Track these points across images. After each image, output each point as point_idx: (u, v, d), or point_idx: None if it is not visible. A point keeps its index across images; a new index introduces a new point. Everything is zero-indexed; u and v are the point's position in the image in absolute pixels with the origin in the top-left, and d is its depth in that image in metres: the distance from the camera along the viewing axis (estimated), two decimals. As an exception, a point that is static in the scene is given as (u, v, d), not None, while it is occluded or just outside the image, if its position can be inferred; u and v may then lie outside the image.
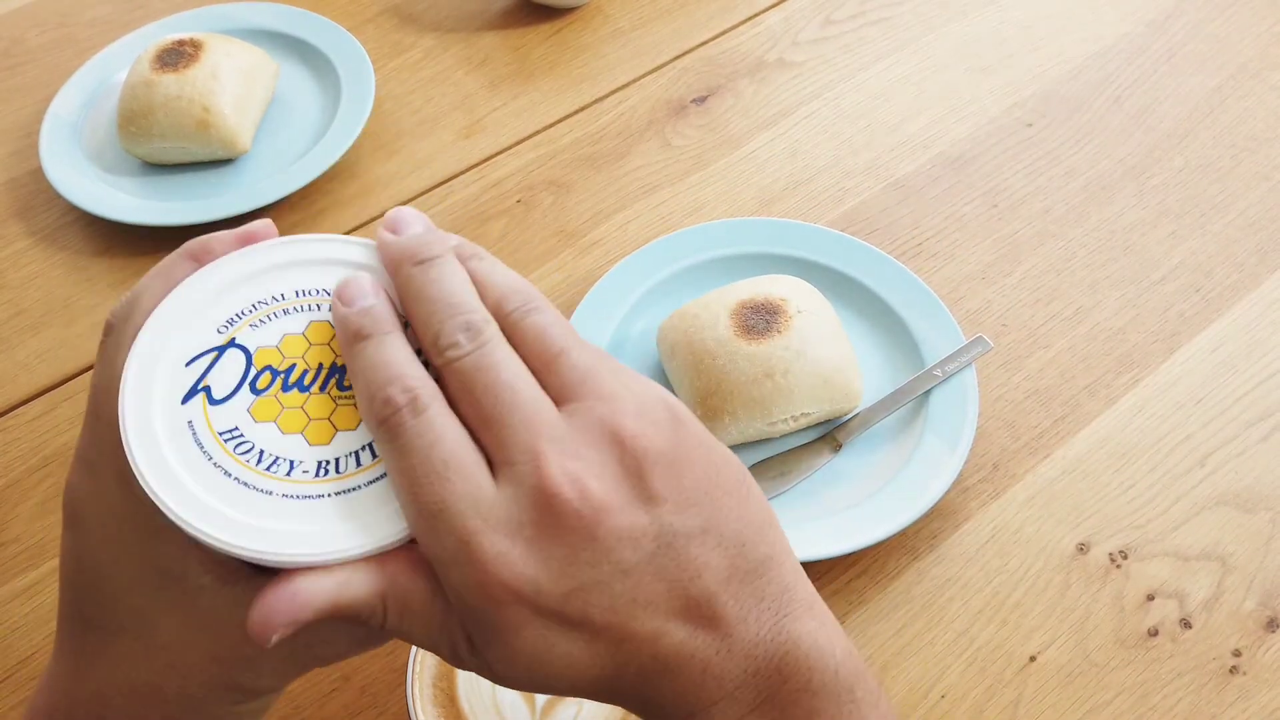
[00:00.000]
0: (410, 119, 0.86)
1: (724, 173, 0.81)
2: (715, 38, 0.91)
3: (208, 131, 0.78)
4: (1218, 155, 0.79)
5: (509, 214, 0.79)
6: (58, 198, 0.80)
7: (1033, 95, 0.84)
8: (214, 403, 0.34)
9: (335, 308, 0.34)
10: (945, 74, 0.86)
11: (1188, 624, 0.57)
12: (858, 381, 0.63)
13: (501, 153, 0.83)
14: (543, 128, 0.85)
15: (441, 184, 0.81)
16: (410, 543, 0.33)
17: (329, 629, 0.36)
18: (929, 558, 0.60)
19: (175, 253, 0.36)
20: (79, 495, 0.36)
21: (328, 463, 0.33)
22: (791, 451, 0.63)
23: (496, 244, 0.77)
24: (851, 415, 0.64)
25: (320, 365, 0.34)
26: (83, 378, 0.72)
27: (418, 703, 0.48)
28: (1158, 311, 0.71)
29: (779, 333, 0.62)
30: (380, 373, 0.32)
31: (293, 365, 0.34)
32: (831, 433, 0.64)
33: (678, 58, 0.89)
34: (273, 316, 0.35)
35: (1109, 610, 0.58)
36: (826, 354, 0.62)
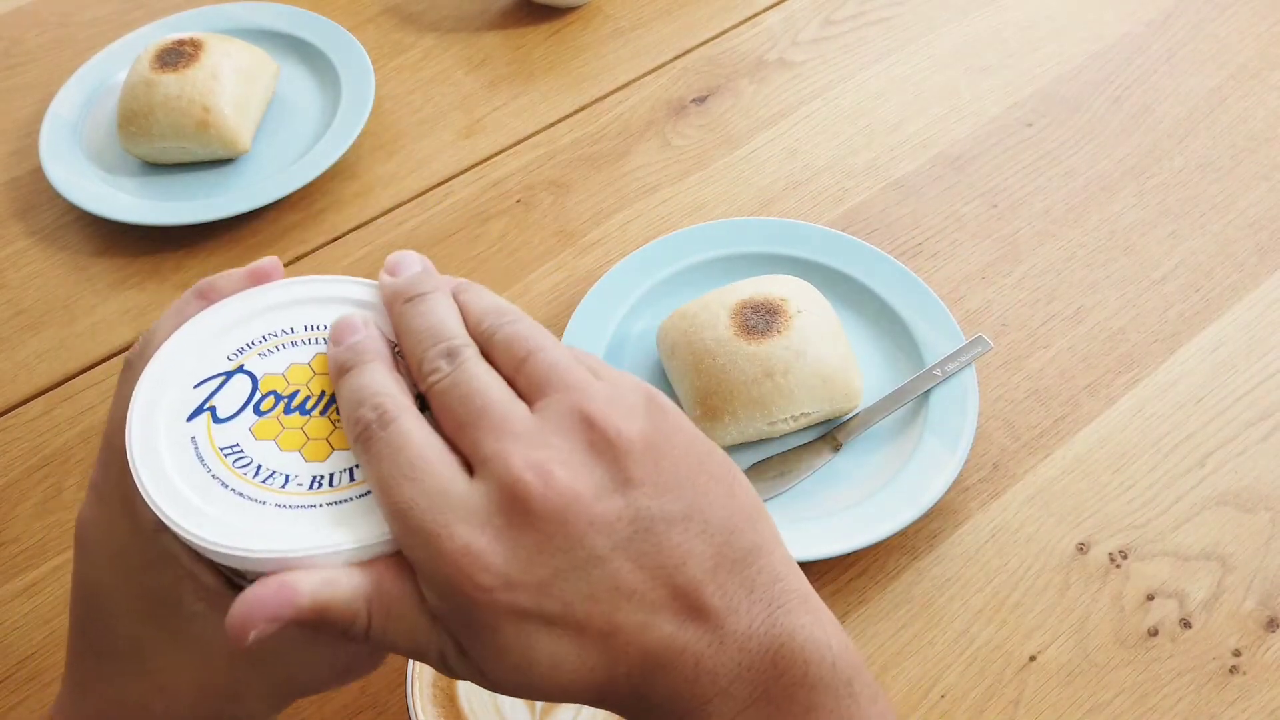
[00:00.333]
0: (410, 119, 0.86)
1: (724, 173, 0.81)
2: (715, 38, 0.91)
3: (208, 131, 0.78)
4: (1218, 155, 0.79)
5: (509, 214, 0.79)
6: (58, 197, 0.80)
7: (1033, 95, 0.84)
8: (218, 421, 0.35)
9: (329, 347, 0.36)
10: (945, 74, 0.86)
11: (1188, 624, 0.57)
12: (858, 381, 0.63)
13: (501, 153, 0.83)
14: (543, 128, 0.85)
15: (441, 184, 0.81)
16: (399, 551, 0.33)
17: (311, 652, 0.36)
18: (929, 558, 0.60)
19: (187, 292, 0.38)
20: (86, 521, 0.37)
21: (322, 477, 0.34)
22: (791, 451, 0.63)
23: (496, 244, 0.77)
24: (851, 415, 0.64)
25: (323, 392, 0.36)
26: (83, 378, 0.72)
27: (418, 703, 0.48)
28: (1158, 311, 0.71)
29: (779, 333, 0.62)
30: (356, 395, 0.34)
31: (296, 391, 0.35)
32: (831, 433, 0.64)
33: (678, 58, 0.89)
34: (281, 347, 0.36)
35: (1109, 610, 0.58)
36: (826, 354, 0.62)
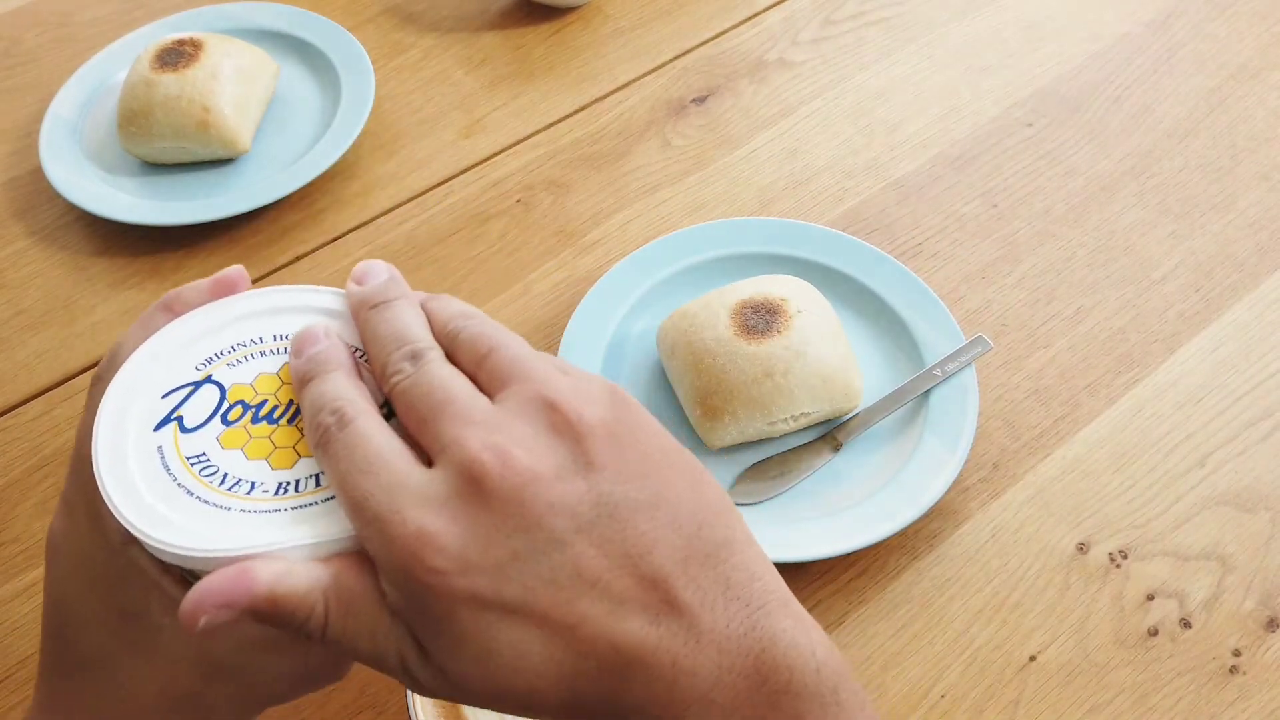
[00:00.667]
0: (410, 119, 0.86)
1: (724, 173, 0.81)
2: (715, 38, 0.91)
3: (208, 131, 0.78)
4: (1218, 155, 0.79)
5: (509, 214, 0.79)
6: (58, 197, 0.80)
7: (1033, 95, 0.84)
8: (185, 431, 0.34)
9: (290, 359, 0.36)
10: (945, 74, 0.86)
11: (1188, 624, 0.57)
12: (858, 381, 0.63)
13: (501, 152, 0.83)
14: (543, 128, 0.85)
15: (441, 184, 0.81)
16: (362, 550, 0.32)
17: (272, 660, 0.36)
18: (929, 558, 0.60)
19: (153, 305, 0.38)
20: (56, 534, 0.37)
21: (288, 484, 0.34)
22: (791, 451, 0.63)
23: (496, 244, 0.77)
24: (851, 415, 0.64)
25: (290, 402, 0.35)
26: (83, 378, 0.72)
27: (417, 702, 0.48)
28: (1157, 311, 0.71)
29: (779, 333, 0.62)
30: (316, 402, 0.33)
31: (264, 400, 0.35)
32: (831, 432, 0.64)
33: (678, 57, 0.89)
34: (250, 357, 0.36)
35: (1109, 610, 0.58)
36: (826, 354, 0.62)
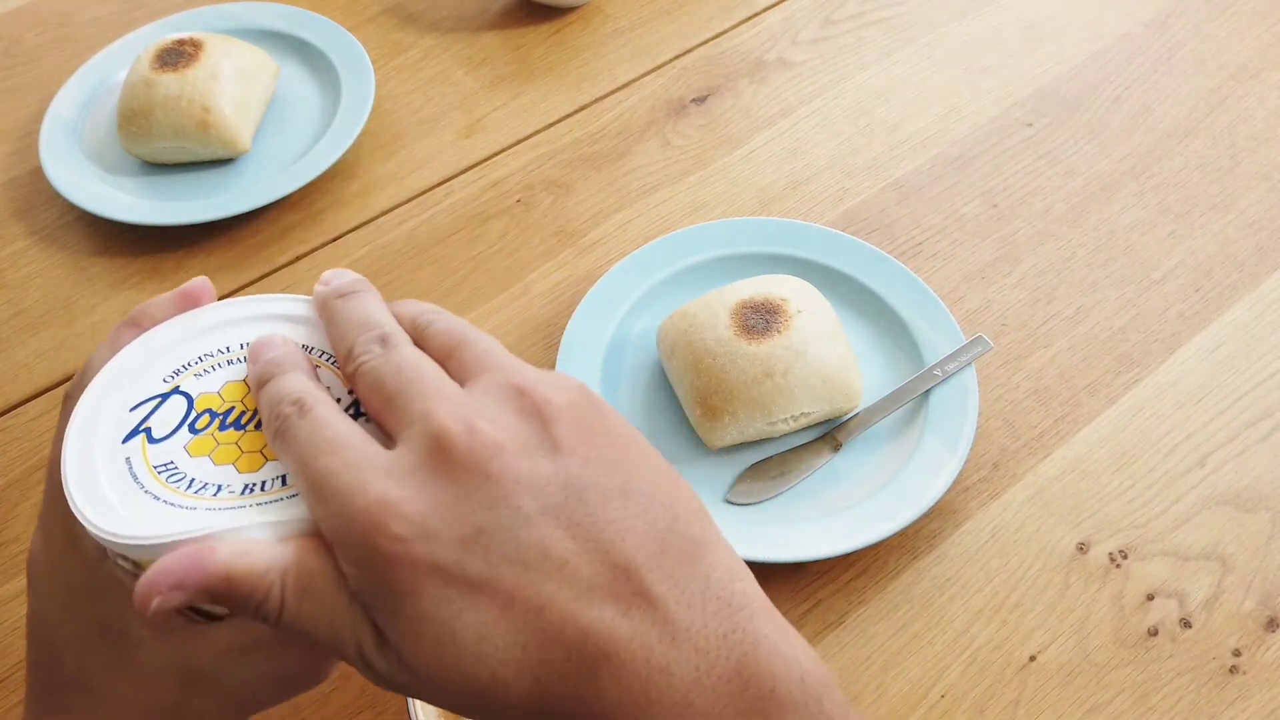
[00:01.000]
0: (410, 119, 0.86)
1: (724, 173, 0.81)
2: (715, 38, 0.91)
3: (208, 131, 0.78)
4: (1218, 155, 0.79)
5: (509, 214, 0.79)
6: (58, 197, 0.80)
7: (1033, 95, 0.84)
8: (153, 441, 0.35)
9: (248, 366, 0.36)
10: (945, 74, 0.86)
11: (1188, 624, 0.57)
12: (858, 381, 0.63)
13: (501, 152, 0.83)
14: (543, 127, 0.85)
15: (441, 184, 0.81)
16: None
17: (247, 666, 0.36)
18: (929, 558, 0.60)
19: (120, 322, 0.38)
20: (35, 556, 0.38)
21: (254, 484, 0.34)
22: (791, 451, 0.63)
23: (496, 244, 0.77)
24: (851, 415, 0.64)
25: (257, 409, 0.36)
26: (83, 378, 0.72)
27: (417, 702, 0.48)
28: (1157, 311, 0.71)
29: (779, 332, 0.62)
30: (275, 397, 0.33)
31: (231, 408, 0.36)
32: (831, 432, 0.64)
33: (678, 57, 0.89)
34: (217, 367, 0.37)
35: (1109, 610, 0.58)
36: (826, 354, 0.62)
